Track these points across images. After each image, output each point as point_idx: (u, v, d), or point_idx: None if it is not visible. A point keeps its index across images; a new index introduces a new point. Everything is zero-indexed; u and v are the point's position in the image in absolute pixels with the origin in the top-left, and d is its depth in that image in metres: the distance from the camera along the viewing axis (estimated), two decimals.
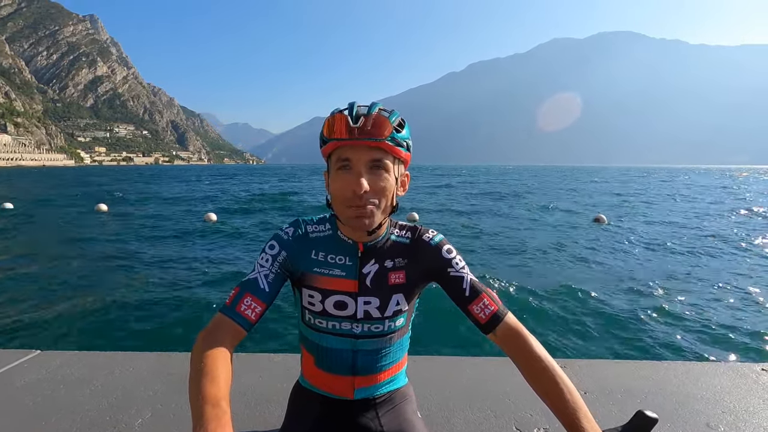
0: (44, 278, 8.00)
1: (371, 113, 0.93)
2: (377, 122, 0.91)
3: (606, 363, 2.42)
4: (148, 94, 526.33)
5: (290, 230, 1.07)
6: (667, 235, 13.48)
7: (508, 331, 0.97)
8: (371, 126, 0.91)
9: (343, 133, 0.91)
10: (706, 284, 7.85)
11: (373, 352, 1.07)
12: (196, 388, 0.75)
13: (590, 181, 54.48)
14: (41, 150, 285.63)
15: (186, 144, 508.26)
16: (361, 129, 0.91)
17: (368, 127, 0.91)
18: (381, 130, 0.92)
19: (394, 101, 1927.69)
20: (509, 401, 2.00)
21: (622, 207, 22.34)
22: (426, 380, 2.15)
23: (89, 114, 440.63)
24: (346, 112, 0.94)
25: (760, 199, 28.27)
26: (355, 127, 0.91)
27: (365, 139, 0.91)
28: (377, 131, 0.91)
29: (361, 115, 0.92)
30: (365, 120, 0.91)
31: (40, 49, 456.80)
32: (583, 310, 6.25)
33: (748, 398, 2.07)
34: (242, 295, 0.94)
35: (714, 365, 2.45)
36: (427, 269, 1.06)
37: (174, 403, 1.96)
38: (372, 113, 0.93)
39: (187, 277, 8.09)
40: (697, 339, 5.32)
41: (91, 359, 2.41)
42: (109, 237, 12.91)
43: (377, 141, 0.91)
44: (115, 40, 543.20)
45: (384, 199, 0.96)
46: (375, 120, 0.91)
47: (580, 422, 0.79)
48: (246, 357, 2.41)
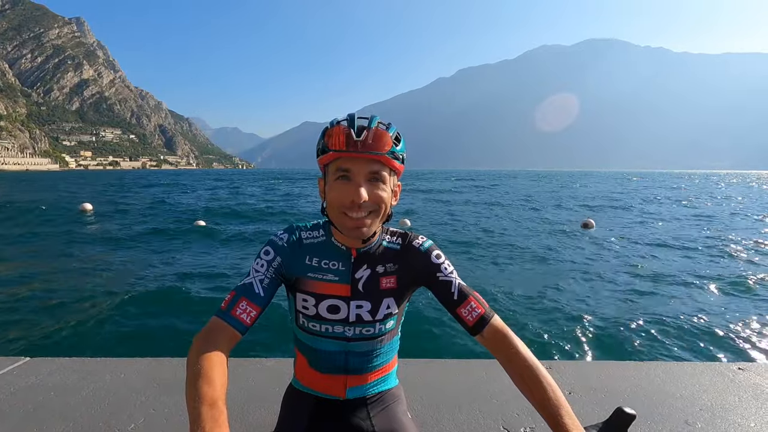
0: (31, 286, 7.86)
1: (372, 127, 0.96)
2: (378, 136, 0.95)
3: (589, 364, 2.50)
4: (136, 98, 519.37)
5: (285, 236, 1.10)
6: (648, 239, 13.75)
7: (494, 333, 1.00)
8: (372, 140, 0.94)
9: (345, 145, 0.94)
10: (686, 286, 8.04)
11: (364, 354, 1.11)
12: (192, 389, 0.77)
13: (580, 185, 55.27)
14: (25, 154, 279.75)
15: (174, 148, 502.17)
16: (363, 142, 0.94)
17: (369, 141, 0.94)
18: (381, 144, 0.95)
19: (385, 106, 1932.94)
20: (496, 402, 2.05)
21: (603, 210, 22.75)
22: (416, 382, 2.20)
23: (75, 118, 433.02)
24: (346, 123, 0.96)
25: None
26: (358, 140, 0.94)
27: (367, 153, 0.94)
28: (378, 145, 0.95)
29: (362, 128, 0.95)
30: (367, 134, 0.94)
31: (24, 52, 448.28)
32: (568, 313, 6.36)
33: (724, 396, 2.15)
34: (238, 299, 0.97)
35: (692, 365, 2.53)
36: (417, 274, 1.10)
37: (166, 407, 1.98)
38: (373, 127, 0.96)
39: (176, 283, 8.01)
40: (677, 340, 5.46)
41: (82, 366, 2.40)
42: (94, 243, 12.72)
43: (378, 155, 0.95)
44: (102, 43, 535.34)
45: (380, 209, 1.00)
46: (375, 134, 0.95)
47: (562, 419, 0.82)
48: (237, 362, 2.43)
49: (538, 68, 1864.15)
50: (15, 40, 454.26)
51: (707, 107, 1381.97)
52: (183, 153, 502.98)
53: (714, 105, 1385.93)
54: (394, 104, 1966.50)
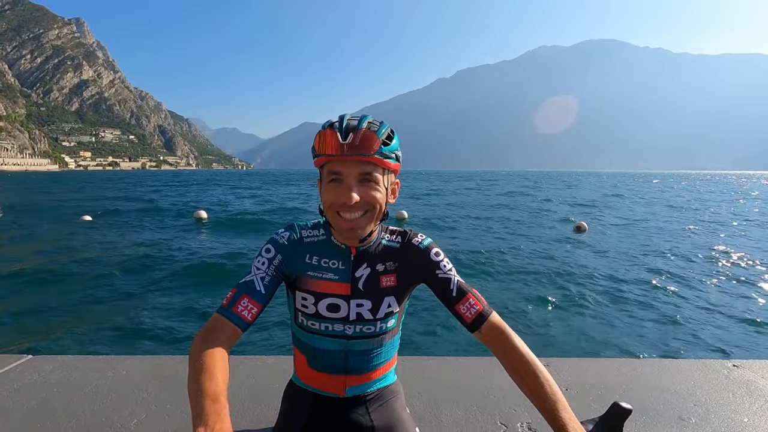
0: (34, 285, 7.88)
1: (360, 128, 0.96)
2: (365, 138, 0.95)
3: (585, 361, 2.51)
4: (135, 99, 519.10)
5: (285, 234, 1.11)
6: (641, 239, 13.78)
7: (492, 330, 1.02)
8: (359, 142, 0.94)
9: (333, 149, 0.95)
10: (680, 284, 8.06)
11: (364, 353, 1.12)
12: (195, 384, 0.78)
13: (578, 186, 55.27)
14: (24, 155, 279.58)
15: (174, 149, 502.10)
16: (350, 145, 0.94)
17: (356, 143, 0.94)
18: (369, 146, 0.95)
19: (384, 107, 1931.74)
20: (493, 398, 2.08)
21: (598, 210, 22.76)
22: (414, 379, 2.22)
23: (74, 118, 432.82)
24: (336, 125, 0.97)
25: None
26: (344, 143, 0.94)
27: (354, 155, 0.95)
28: (365, 147, 0.95)
29: (350, 130, 0.95)
30: (354, 136, 0.94)
31: (23, 53, 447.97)
32: (564, 312, 6.39)
33: (719, 392, 2.18)
34: (239, 297, 0.98)
35: (687, 362, 2.55)
36: (416, 272, 1.12)
37: (168, 404, 2.00)
38: (361, 128, 0.96)
39: (176, 282, 8.03)
40: (672, 337, 5.49)
41: (84, 363, 2.42)
42: (96, 243, 12.73)
43: (366, 156, 0.95)
44: (101, 44, 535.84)
45: (374, 209, 1.01)
46: (363, 136, 0.95)
47: (559, 413, 0.84)
48: (237, 359, 2.44)
49: (537, 69, 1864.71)
50: (15, 40, 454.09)
51: (705, 107, 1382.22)
52: (182, 153, 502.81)
53: (711, 107, 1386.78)
54: (394, 105, 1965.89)
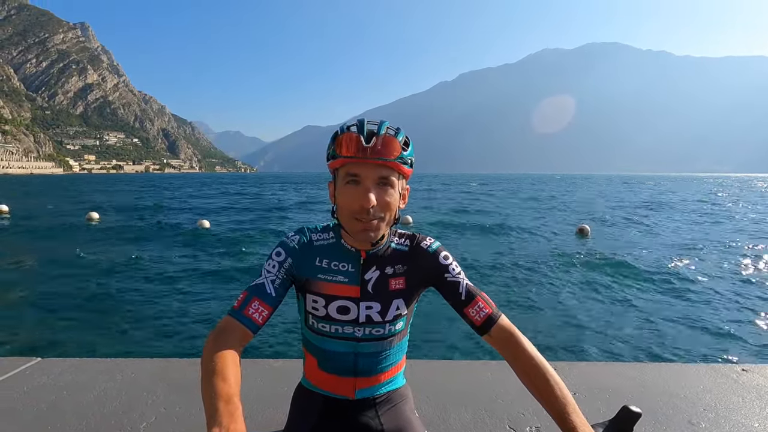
0: (41, 287, 7.92)
1: (381, 133, 0.97)
2: (387, 143, 0.97)
3: (594, 365, 2.51)
4: (139, 102, 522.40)
5: (295, 238, 1.12)
6: (647, 242, 13.72)
7: (501, 333, 1.02)
8: (381, 146, 0.96)
9: (355, 151, 0.96)
10: (688, 289, 8.02)
11: (373, 355, 1.12)
12: (208, 386, 0.79)
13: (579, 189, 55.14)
14: (29, 158, 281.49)
15: (177, 152, 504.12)
16: (373, 149, 0.96)
17: (379, 147, 0.96)
18: (391, 150, 0.97)
19: (386, 110, 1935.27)
20: (502, 402, 2.07)
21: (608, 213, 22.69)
22: (423, 382, 2.22)
23: (79, 122, 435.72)
24: (355, 129, 0.98)
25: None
26: (368, 147, 0.95)
27: (376, 159, 0.96)
28: (387, 151, 0.96)
29: (372, 134, 0.97)
30: (376, 140, 0.96)
31: (29, 57, 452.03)
32: (573, 316, 6.37)
33: (728, 397, 2.17)
34: (250, 299, 0.99)
35: (697, 366, 2.54)
36: (425, 275, 1.13)
37: (177, 406, 2.01)
38: (382, 133, 0.97)
39: (184, 285, 8.06)
40: (682, 342, 5.46)
41: (93, 366, 2.44)
42: (103, 245, 12.79)
43: (388, 161, 0.97)
44: (106, 48, 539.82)
45: (389, 213, 1.02)
46: (385, 140, 0.97)
47: (569, 416, 0.83)
48: (245, 363, 2.45)
49: (540, 72, 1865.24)
50: (20, 45, 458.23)
51: (707, 109, 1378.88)
52: (186, 157, 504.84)
53: (710, 109, 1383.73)
54: (396, 108, 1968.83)
